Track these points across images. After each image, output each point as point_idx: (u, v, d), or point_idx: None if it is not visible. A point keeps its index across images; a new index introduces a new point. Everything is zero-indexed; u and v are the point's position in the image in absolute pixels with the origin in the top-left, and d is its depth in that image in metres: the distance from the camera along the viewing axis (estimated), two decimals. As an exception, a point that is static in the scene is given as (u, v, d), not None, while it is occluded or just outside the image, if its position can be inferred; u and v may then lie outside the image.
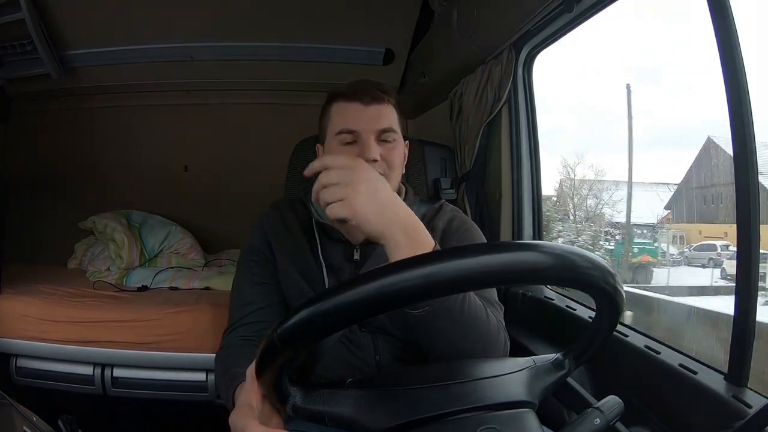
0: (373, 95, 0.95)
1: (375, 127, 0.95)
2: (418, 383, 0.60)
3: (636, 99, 3.88)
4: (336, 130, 0.95)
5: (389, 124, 0.96)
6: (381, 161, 0.94)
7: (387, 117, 0.96)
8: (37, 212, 2.50)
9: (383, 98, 0.96)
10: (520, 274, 0.50)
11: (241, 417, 0.64)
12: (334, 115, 0.97)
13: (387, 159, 0.95)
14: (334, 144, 0.96)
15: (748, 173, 0.79)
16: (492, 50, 1.52)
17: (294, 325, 0.51)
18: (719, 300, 3.25)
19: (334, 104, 0.98)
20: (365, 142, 0.93)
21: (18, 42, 1.97)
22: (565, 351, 0.66)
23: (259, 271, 1.02)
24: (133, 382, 1.79)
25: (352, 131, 0.94)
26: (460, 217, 1.05)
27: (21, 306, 1.79)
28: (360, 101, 0.95)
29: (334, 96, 0.98)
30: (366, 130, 0.94)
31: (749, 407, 0.73)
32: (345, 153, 0.94)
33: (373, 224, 0.72)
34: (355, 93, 0.96)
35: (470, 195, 1.65)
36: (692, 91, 3.59)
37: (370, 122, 0.94)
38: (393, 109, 0.98)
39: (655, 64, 3.10)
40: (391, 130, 0.96)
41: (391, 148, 0.96)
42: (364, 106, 0.95)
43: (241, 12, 2.02)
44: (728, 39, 0.81)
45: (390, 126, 0.96)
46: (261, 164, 2.32)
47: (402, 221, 0.74)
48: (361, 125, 0.94)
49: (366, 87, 0.96)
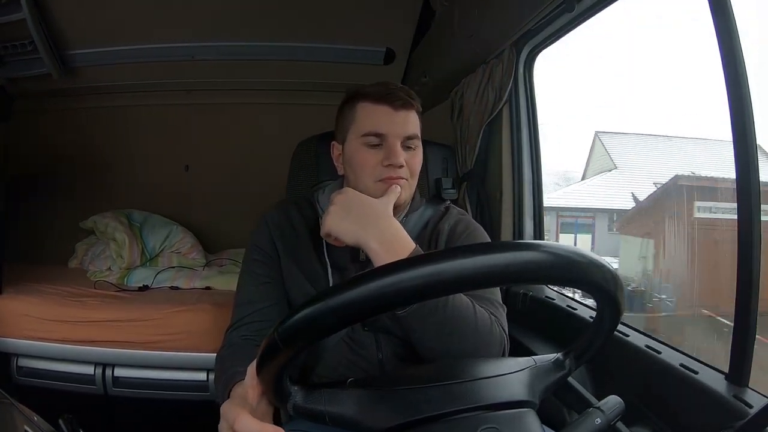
0: (403, 100, 0.95)
1: (403, 132, 0.94)
2: (418, 383, 0.60)
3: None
4: (362, 131, 0.94)
5: (415, 131, 0.96)
6: (405, 167, 0.94)
7: (414, 123, 0.96)
8: (39, 212, 2.51)
9: (411, 104, 0.96)
10: (520, 274, 0.49)
11: (234, 407, 0.64)
12: (360, 115, 0.96)
13: (410, 165, 0.95)
14: (357, 144, 0.95)
15: (749, 173, 0.78)
16: (493, 50, 1.52)
17: (295, 324, 0.51)
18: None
19: (359, 104, 0.96)
20: (392, 147, 0.93)
21: (19, 42, 1.96)
22: (565, 351, 0.66)
23: (263, 271, 1.02)
24: (134, 381, 1.79)
25: (380, 134, 0.94)
26: (466, 220, 1.05)
27: (22, 306, 1.79)
28: (390, 105, 0.94)
29: (360, 96, 0.97)
30: (394, 134, 0.94)
31: (750, 407, 0.73)
32: (369, 156, 0.94)
33: (347, 238, 0.84)
34: (385, 96, 0.94)
35: (471, 194, 1.65)
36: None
37: (398, 127, 0.94)
38: (418, 116, 0.98)
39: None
40: (416, 137, 0.96)
41: (414, 154, 0.96)
42: (394, 111, 0.94)
43: (242, 12, 2.02)
44: (729, 38, 0.81)
45: (416, 133, 0.96)
46: (262, 164, 2.32)
47: (377, 231, 0.82)
48: (390, 129, 0.94)
49: (395, 91, 0.95)
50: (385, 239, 0.81)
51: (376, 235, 0.81)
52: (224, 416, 0.65)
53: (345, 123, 0.98)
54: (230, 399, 0.68)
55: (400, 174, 0.94)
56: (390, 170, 0.93)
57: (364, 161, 0.94)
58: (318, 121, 1.39)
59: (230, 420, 0.63)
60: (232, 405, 0.65)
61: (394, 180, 0.93)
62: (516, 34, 1.41)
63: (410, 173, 0.96)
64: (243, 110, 2.61)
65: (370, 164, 0.94)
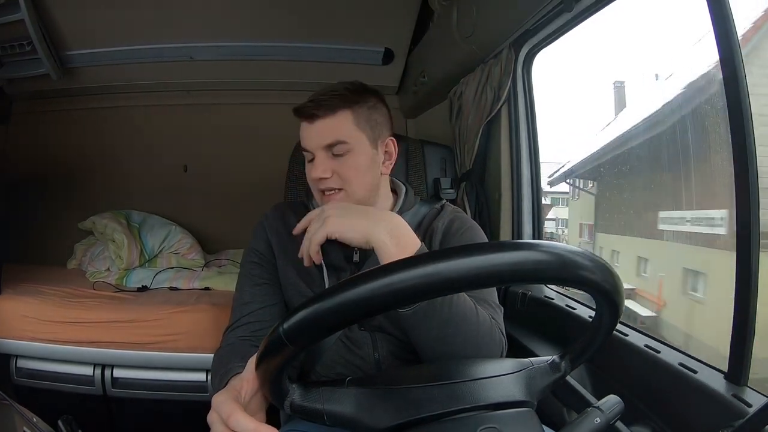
0: (315, 109, 0.93)
1: (320, 143, 0.93)
2: (418, 382, 0.60)
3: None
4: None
5: (335, 138, 0.93)
6: (333, 177, 0.94)
7: (334, 130, 0.93)
8: (37, 212, 2.50)
9: (331, 108, 0.93)
10: (520, 274, 0.49)
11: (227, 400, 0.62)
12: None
13: (340, 172, 0.94)
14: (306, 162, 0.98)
15: (748, 173, 0.78)
16: (491, 49, 1.52)
17: (301, 321, 0.50)
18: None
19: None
20: (315, 160, 0.94)
21: (17, 42, 1.96)
22: (562, 353, 0.66)
23: (259, 272, 1.02)
24: (133, 382, 1.79)
25: (306, 151, 0.95)
26: (461, 218, 1.05)
27: (21, 306, 1.79)
28: (305, 119, 0.94)
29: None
30: (314, 147, 0.94)
31: (749, 406, 0.73)
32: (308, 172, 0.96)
33: (356, 233, 0.80)
34: (301, 110, 0.95)
35: (470, 195, 1.65)
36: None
37: (314, 140, 0.94)
38: (348, 115, 0.94)
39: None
40: (339, 142, 0.93)
41: (342, 161, 0.94)
42: (309, 124, 0.94)
43: (241, 12, 2.02)
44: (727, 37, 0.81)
45: (336, 139, 0.93)
46: (261, 164, 2.32)
47: (387, 225, 0.80)
48: (308, 143, 0.95)
49: (308, 103, 0.94)
50: (395, 233, 0.79)
51: (386, 228, 0.79)
52: (216, 407, 0.62)
53: None
54: (224, 390, 0.66)
55: (327, 185, 0.94)
56: (319, 183, 0.95)
57: (307, 177, 0.98)
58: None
59: (223, 414, 0.61)
60: (226, 397, 0.63)
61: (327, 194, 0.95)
62: (515, 34, 1.41)
63: (342, 180, 0.94)
64: (242, 111, 2.61)
65: (310, 179, 0.97)
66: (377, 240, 0.79)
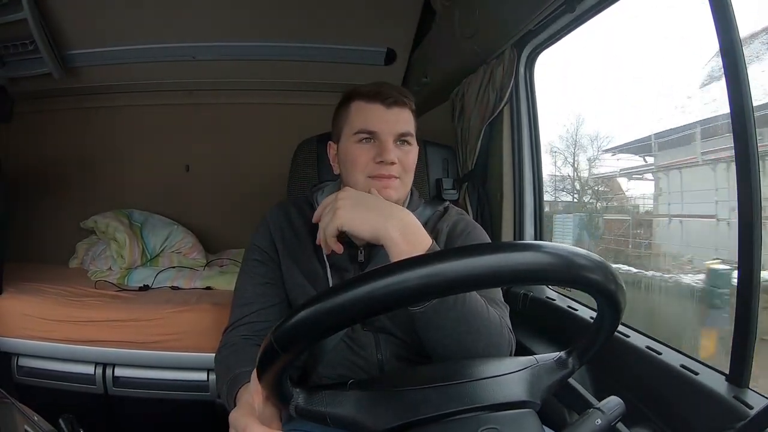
0: (395, 98, 0.95)
1: (395, 130, 0.95)
2: (419, 384, 0.60)
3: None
4: (355, 129, 0.95)
5: (408, 129, 0.96)
6: (398, 164, 0.94)
7: (406, 121, 0.96)
8: (39, 212, 2.51)
9: (404, 102, 0.96)
10: (521, 275, 0.49)
11: (243, 416, 0.65)
12: (354, 114, 0.97)
13: (403, 162, 0.95)
14: (350, 142, 0.96)
15: (750, 173, 0.78)
16: (493, 50, 1.52)
17: (291, 328, 0.51)
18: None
19: (353, 103, 0.97)
20: (384, 144, 0.94)
21: (20, 42, 1.97)
22: (568, 349, 0.66)
23: (262, 271, 1.02)
24: (135, 381, 1.79)
25: (372, 132, 0.94)
26: (465, 220, 1.05)
27: (22, 305, 1.79)
28: (382, 103, 0.95)
29: (354, 95, 0.98)
30: (386, 132, 0.94)
31: (750, 408, 0.73)
32: (361, 152, 0.94)
33: (365, 228, 0.79)
34: (377, 94, 0.95)
35: (472, 195, 1.65)
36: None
37: (390, 125, 0.95)
38: (412, 114, 0.98)
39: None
40: (410, 134, 0.97)
41: (407, 151, 0.96)
42: (386, 108, 0.95)
43: (243, 12, 2.02)
44: (729, 37, 0.80)
45: (408, 130, 0.96)
46: (263, 164, 2.33)
47: (397, 221, 0.78)
48: (382, 127, 0.94)
49: (387, 89, 0.96)
50: (405, 229, 0.78)
51: (396, 224, 0.78)
52: (233, 423, 0.66)
53: (340, 123, 1.00)
54: (238, 407, 0.69)
55: (391, 171, 0.94)
56: (381, 167, 0.93)
57: (355, 157, 0.95)
58: (319, 121, 1.39)
59: (240, 429, 0.64)
60: (241, 414, 0.66)
61: (385, 178, 0.93)
62: (517, 34, 1.41)
63: (403, 170, 0.96)
64: (244, 110, 2.62)
65: (362, 160, 0.94)
66: (387, 236, 0.77)
